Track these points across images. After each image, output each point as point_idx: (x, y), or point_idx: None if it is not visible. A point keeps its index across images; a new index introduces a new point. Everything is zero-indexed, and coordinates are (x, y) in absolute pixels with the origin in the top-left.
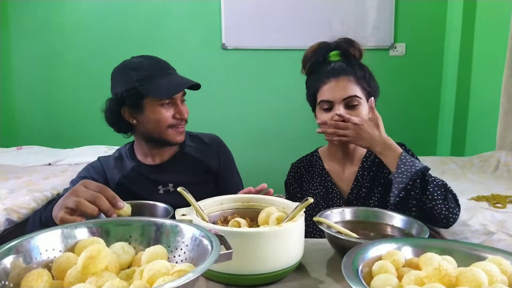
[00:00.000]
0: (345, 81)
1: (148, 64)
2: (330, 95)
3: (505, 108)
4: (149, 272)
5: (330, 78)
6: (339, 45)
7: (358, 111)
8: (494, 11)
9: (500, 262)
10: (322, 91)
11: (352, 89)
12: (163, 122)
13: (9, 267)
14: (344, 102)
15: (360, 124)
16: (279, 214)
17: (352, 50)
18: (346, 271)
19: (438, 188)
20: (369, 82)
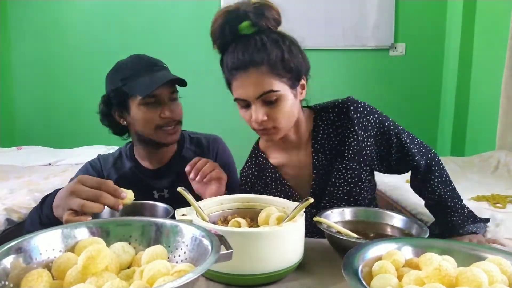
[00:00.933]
0: (255, 74)
1: (132, 63)
2: (242, 93)
3: (505, 108)
4: (149, 272)
5: (239, 72)
6: (248, 14)
7: (279, 106)
8: (494, 11)
9: (500, 262)
10: (233, 87)
11: (266, 84)
12: (149, 122)
13: (9, 267)
14: (261, 100)
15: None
16: (279, 214)
17: (266, 18)
18: (346, 271)
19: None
20: (288, 63)
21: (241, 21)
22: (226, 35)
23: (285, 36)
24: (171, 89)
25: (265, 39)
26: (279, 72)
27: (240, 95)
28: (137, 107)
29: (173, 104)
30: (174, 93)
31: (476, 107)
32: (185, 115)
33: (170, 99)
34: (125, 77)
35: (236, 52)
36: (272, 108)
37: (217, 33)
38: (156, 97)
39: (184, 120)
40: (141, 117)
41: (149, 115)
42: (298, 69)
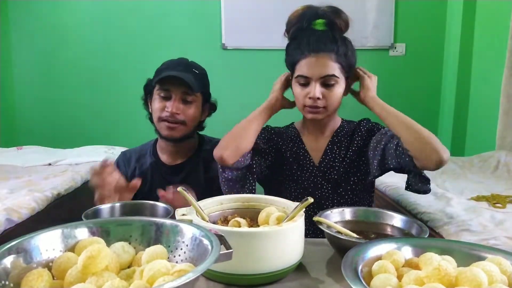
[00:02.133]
0: (324, 58)
1: (171, 61)
2: (307, 71)
3: (505, 108)
4: (149, 272)
5: (310, 53)
6: (326, 14)
7: (334, 90)
8: (494, 11)
9: (500, 262)
10: (300, 65)
11: (331, 68)
12: (155, 112)
13: (9, 267)
14: (321, 81)
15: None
16: (279, 214)
17: (338, 21)
18: (346, 271)
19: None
20: (350, 59)
21: (318, 17)
22: (302, 25)
23: (349, 40)
24: (184, 90)
25: (337, 36)
26: (342, 63)
27: (305, 72)
28: (155, 97)
29: (184, 104)
30: (188, 95)
31: (476, 107)
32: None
33: (182, 99)
34: (159, 69)
35: (312, 38)
36: (328, 90)
37: (294, 21)
38: (168, 92)
39: None
40: (153, 105)
41: (158, 105)
42: (352, 68)
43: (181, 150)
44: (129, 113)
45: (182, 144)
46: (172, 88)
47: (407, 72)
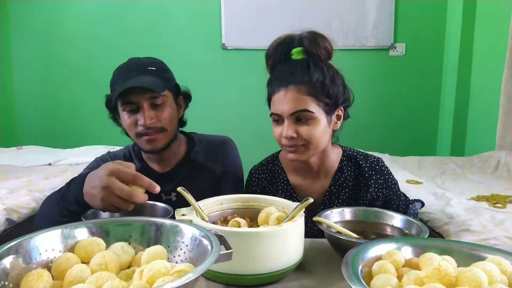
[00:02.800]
0: (294, 92)
1: (120, 67)
2: (278, 108)
3: (505, 108)
4: (149, 272)
5: (280, 88)
6: (302, 42)
7: (309, 126)
8: (494, 11)
9: (500, 262)
10: (272, 101)
11: (301, 102)
12: (129, 129)
13: (9, 267)
14: (294, 117)
15: None
16: (279, 214)
17: (315, 49)
18: (346, 271)
19: None
20: (329, 89)
21: (294, 46)
22: (278, 57)
23: (331, 67)
24: (150, 95)
25: (311, 63)
26: (317, 95)
27: (276, 109)
28: (121, 113)
29: (155, 110)
30: (155, 98)
31: (476, 107)
32: (184, 115)
33: (151, 105)
34: (112, 83)
35: (282, 70)
36: (303, 128)
37: (270, 54)
38: (134, 104)
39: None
40: (125, 123)
41: (128, 121)
42: (337, 97)
43: (168, 155)
44: None
45: (168, 150)
46: (135, 98)
47: (407, 72)
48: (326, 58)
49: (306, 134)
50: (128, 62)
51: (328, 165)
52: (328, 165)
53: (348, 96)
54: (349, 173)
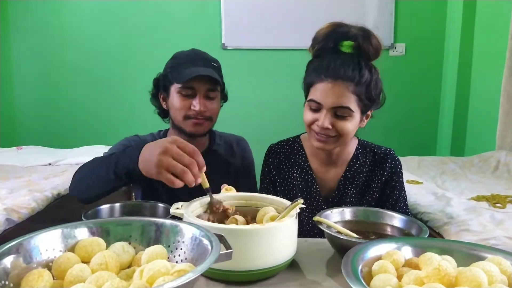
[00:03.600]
0: (341, 87)
1: (185, 54)
2: (320, 97)
3: (505, 108)
4: (149, 272)
5: (328, 78)
6: (356, 38)
7: (346, 122)
8: (494, 11)
9: (499, 262)
10: (314, 88)
11: (345, 99)
12: (179, 110)
13: (9, 267)
14: (334, 110)
15: None
16: (273, 213)
17: (367, 46)
18: (346, 271)
19: None
20: (371, 92)
21: (348, 38)
22: (328, 44)
23: (376, 69)
24: (209, 86)
25: (362, 62)
26: (360, 95)
27: (317, 98)
28: (175, 94)
29: (208, 100)
30: (212, 91)
31: (476, 107)
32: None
33: (206, 95)
34: (173, 65)
35: (334, 60)
36: (340, 122)
37: (320, 38)
38: (192, 89)
39: None
40: (175, 104)
41: (181, 103)
42: (375, 100)
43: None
44: (129, 113)
45: (198, 138)
46: (197, 85)
47: (407, 72)
48: (374, 58)
49: (341, 129)
50: (193, 52)
51: (345, 154)
52: (346, 154)
53: (383, 100)
54: (364, 160)
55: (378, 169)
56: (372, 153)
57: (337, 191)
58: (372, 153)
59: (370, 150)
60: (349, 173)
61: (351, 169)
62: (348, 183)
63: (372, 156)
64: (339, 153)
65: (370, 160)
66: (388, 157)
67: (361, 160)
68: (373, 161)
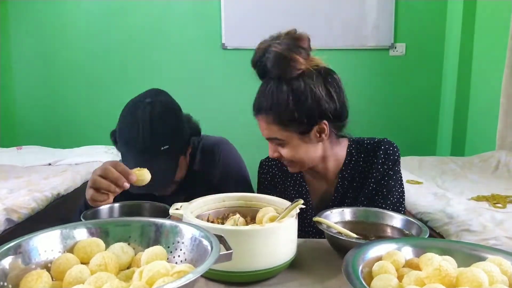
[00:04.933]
0: (262, 121)
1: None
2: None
3: (505, 108)
4: (149, 273)
5: (255, 114)
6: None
7: (286, 149)
8: (494, 11)
9: (500, 262)
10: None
11: (269, 131)
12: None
13: (8, 268)
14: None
15: None
16: (272, 214)
17: (279, 69)
18: (346, 272)
19: None
20: (292, 113)
21: (255, 66)
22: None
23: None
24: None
25: (277, 85)
26: (284, 122)
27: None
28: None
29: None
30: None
31: (476, 107)
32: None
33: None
34: (118, 136)
35: (258, 92)
36: (284, 150)
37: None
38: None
39: None
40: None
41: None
42: (310, 115)
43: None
44: None
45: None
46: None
47: (407, 72)
48: (297, 72)
49: (287, 155)
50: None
51: (334, 164)
52: (335, 163)
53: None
54: (357, 159)
55: (372, 158)
56: (364, 146)
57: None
58: (365, 146)
59: (363, 144)
60: (346, 175)
61: (346, 172)
62: (346, 184)
63: (365, 148)
64: (325, 166)
65: (364, 153)
66: (381, 144)
67: (355, 157)
68: (366, 152)
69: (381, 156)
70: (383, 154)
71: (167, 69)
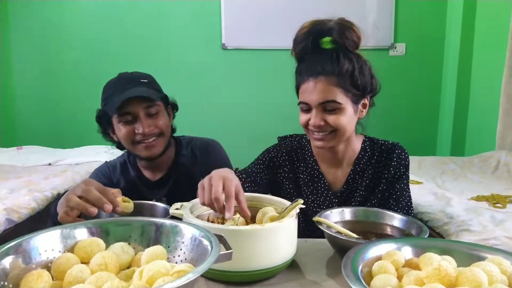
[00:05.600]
0: (323, 83)
1: (112, 82)
2: (307, 97)
3: (505, 108)
4: (149, 272)
5: (309, 77)
6: (331, 32)
7: (337, 115)
8: (494, 11)
9: (500, 262)
10: (301, 90)
11: (329, 93)
12: (126, 139)
13: (9, 267)
14: (322, 107)
15: None
16: (273, 214)
17: (344, 40)
18: (346, 271)
19: None
20: (357, 80)
21: (324, 35)
22: (307, 45)
23: (359, 57)
24: (146, 104)
25: (340, 54)
26: (345, 86)
27: (305, 99)
28: (117, 125)
29: (151, 118)
30: (150, 108)
31: (476, 107)
32: (184, 115)
33: (147, 114)
34: (105, 97)
35: (312, 60)
36: (331, 116)
37: (299, 41)
38: (131, 114)
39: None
40: (120, 134)
41: (125, 131)
42: (364, 87)
43: (162, 161)
44: None
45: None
46: (132, 109)
47: (407, 72)
48: (354, 49)
49: (333, 123)
50: (119, 77)
51: (351, 152)
52: (351, 152)
53: (375, 86)
54: (372, 153)
55: (386, 160)
56: (379, 145)
57: (346, 186)
58: (379, 145)
59: (377, 143)
60: (358, 168)
61: (359, 165)
62: (358, 177)
63: (380, 147)
64: (344, 151)
65: (378, 152)
66: (395, 147)
67: (369, 153)
68: (380, 152)
69: (394, 159)
70: (396, 158)
71: (167, 69)
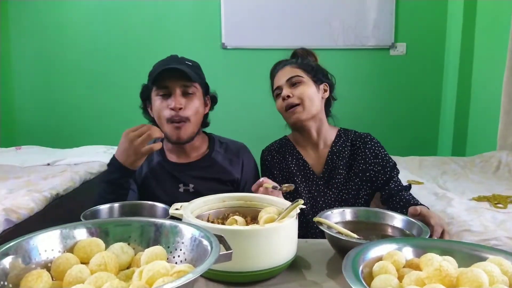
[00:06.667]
0: (288, 68)
1: (161, 60)
2: (277, 81)
3: (506, 108)
4: (149, 272)
5: (278, 70)
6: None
7: (302, 87)
8: (495, 11)
9: (501, 262)
10: (274, 82)
11: (293, 72)
12: (159, 113)
13: (8, 267)
14: (288, 83)
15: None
16: (273, 214)
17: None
18: (347, 272)
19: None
20: (314, 69)
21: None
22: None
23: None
24: (183, 83)
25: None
26: (305, 68)
27: (276, 83)
28: (154, 99)
29: (185, 99)
30: (187, 88)
31: (477, 107)
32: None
33: (182, 93)
34: (151, 72)
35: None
36: (297, 89)
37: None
38: (167, 88)
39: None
40: (155, 108)
41: (160, 105)
42: (322, 74)
43: (190, 149)
44: (128, 113)
45: (191, 143)
46: (170, 83)
47: (408, 72)
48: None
49: (299, 93)
50: (169, 57)
51: (325, 134)
52: (326, 134)
53: (331, 81)
54: (346, 138)
55: (360, 143)
56: (352, 132)
57: (327, 167)
58: (353, 133)
59: (351, 132)
60: (335, 149)
61: (336, 147)
62: (335, 158)
63: (353, 134)
64: (318, 131)
65: (352, 138)
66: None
67: (343, 138)
68: (354, 138)
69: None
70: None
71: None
